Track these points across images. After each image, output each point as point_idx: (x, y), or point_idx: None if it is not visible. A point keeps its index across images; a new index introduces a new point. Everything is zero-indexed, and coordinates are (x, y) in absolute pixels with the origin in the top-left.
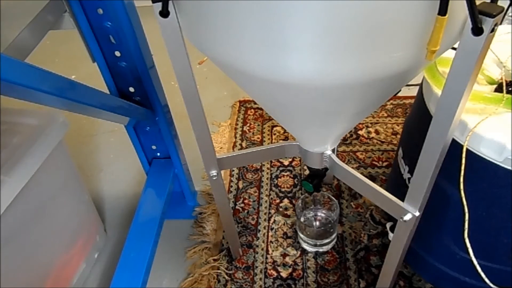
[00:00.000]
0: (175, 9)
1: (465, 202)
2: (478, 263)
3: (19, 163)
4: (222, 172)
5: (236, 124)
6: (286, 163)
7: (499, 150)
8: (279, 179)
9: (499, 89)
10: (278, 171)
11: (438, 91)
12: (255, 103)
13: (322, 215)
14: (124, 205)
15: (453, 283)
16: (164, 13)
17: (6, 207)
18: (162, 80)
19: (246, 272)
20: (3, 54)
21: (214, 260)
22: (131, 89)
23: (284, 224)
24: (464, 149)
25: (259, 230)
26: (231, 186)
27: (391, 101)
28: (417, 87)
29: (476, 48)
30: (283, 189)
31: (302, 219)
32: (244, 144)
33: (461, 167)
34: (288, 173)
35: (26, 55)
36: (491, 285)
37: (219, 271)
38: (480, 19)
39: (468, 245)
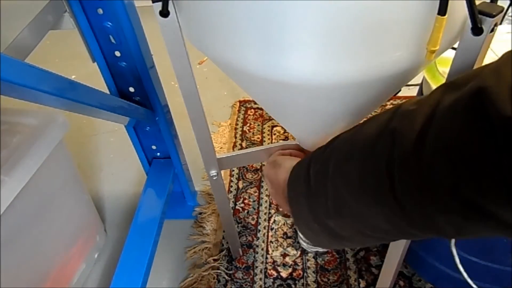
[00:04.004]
0: (175, 9)
1: None
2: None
3: (19, 163)
4: (222, 172)
5: (236, 124)
6: None
7: None
8: None
9: None
10: None
11: None
12: (255, 103)
13: None
14: (124, 205)
15: (453, 283)
16: (164, 13)
17: (6, 207)
18: (162, 80)
19: (246, 272)
20: (3, 54)
21: (214, 260)
22: (131, 89)
23: (284, 224)
24: None
25: (259, 230)
26: (231, 186)
27: (391, 101)
28: (417, 87)
29: (476, 48)
30: None
31: None
32: (244, 144)
33: None
34: None
35: (26, 55)
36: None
37: (219, 271)
38: (480, 19)
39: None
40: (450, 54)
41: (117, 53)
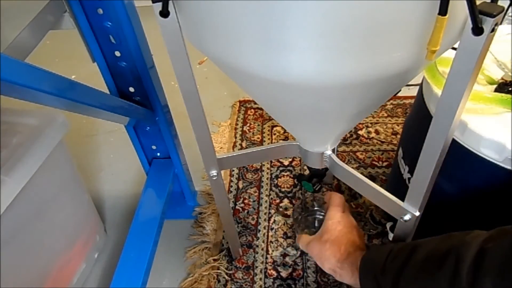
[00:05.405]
0: (175, 9)
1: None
2: None
3: (19, 163)
4: (222, 172)
5: (236, 124)
6: (286, 163)
7: (499, 150)
8: (279, 179)
9: (499, 89)
10: (278, 171)
11: (438, 91)
12: (255, 103)
13: (322, 215)
14: (124, 205)
15: None
16: (164, 13)
17: (6, 207)
18: (162, 80)
19: (246, 272)
20: (3, 54)
21: (214, 260)
22: (131, 89)
23: (284, 224)
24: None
25: (259, 230)
26: (231, 186)
27: (391, 101)
28: (417, 87)
29: (476, 48)
30: (283, 189)
31: (301, 220)
32: (244, 144)
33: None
34: (288, 173)
35: (26, 55)
36: None
37: (219, 271)
38: (480, 19)
39: None
40: (450, 54)
41: (117, 53)
